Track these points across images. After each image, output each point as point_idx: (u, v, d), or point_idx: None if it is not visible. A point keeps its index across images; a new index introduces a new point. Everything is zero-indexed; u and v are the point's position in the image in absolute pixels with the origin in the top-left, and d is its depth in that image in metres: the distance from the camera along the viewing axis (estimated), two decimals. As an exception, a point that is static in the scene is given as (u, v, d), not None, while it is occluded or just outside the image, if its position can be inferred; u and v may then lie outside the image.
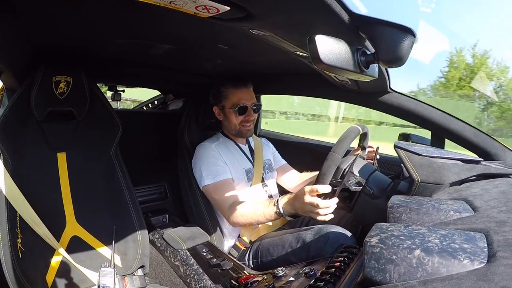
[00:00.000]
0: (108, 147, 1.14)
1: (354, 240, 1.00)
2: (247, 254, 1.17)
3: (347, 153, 1.16)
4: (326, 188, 0.84)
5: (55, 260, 0.96)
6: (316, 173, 1.22)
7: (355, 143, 1.10)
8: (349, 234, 1.01)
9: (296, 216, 1.42)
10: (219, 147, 1.24)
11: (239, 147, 1.32)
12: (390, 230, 0.48)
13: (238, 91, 1.23)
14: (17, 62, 0.96)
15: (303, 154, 1.69)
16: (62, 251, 0.95)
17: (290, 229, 1.21)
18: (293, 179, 1.42)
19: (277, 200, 0.97)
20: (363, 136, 1.13)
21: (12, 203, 0.91)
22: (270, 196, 1.31)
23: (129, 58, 1.24)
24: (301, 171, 1.43)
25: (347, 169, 0.96)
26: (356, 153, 1.15)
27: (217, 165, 1.19)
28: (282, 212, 0.96)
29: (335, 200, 0.86)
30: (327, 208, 0.85)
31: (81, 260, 0.99)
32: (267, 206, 1.00)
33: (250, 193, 1.24)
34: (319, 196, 0.86)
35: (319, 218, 0.86)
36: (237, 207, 1.07)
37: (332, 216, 0.87)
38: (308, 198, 0.86)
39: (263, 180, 1.30)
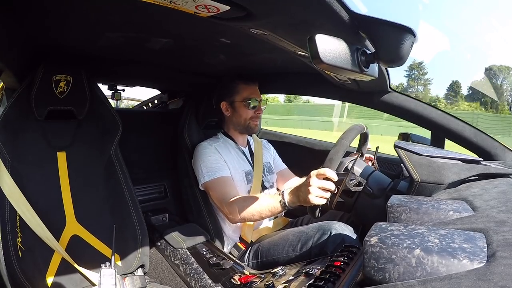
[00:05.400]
0: (108, 146, 1.14)
1: (356, 235, 1.00)
2: (247, 254, 1.17)
3: (347, 154, 1.16)
4: (333, 173, 0.82)
5: (55, 260, 0.96)
6: None
7: (354, 145, 1.09)
8: (351, 229, 1.01)
9: (296, 216, 1.42)
10: (219, 148, 1.24)
11: (239, 148, 1.32)
12: (389, 229, 0.48)
13: (248, 87, 1.26)
14: (17, 61, 0.96)
15: (303, 153, 1.69)
16: (62, 250, 0.95)
17: (290, 228, 1.21)
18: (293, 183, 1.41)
19: (283, 191, 0.94)
20: (364, 139, 1.13)
21: (12, 202, 0.91)
22: None
23: (129, 57, 1.24)
24: (301, 170, 1.43)
25: (351, 165, 0.95)
26: (354, 157, 1.14)
27: (217, 162, 1.19)
28: (286, 202, 0.91)
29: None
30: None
31: (81, 259, 0.99)
32: (272, 197, 0.97)
33: (247, 194, 1.24)
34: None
35: (322, 203, 0.83)
36: (239, 201, 1.04)
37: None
38: (314, 181, 0.82)
39: (262, 183, 1.30)
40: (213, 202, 1.22)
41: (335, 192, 0.84)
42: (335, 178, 0.82)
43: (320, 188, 0.82)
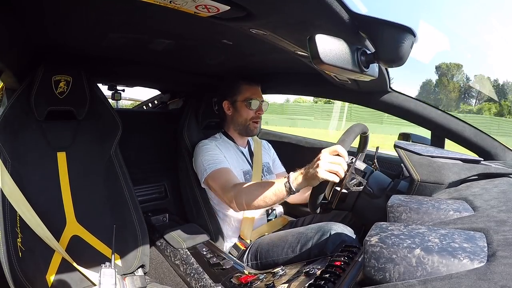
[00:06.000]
0: (108, 147, 1.14)
1: (355, 236, 0.99)
2: (246, 254, 1.17)
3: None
4: (345, 151, 0.80)
5: (55, 260, 0.96)
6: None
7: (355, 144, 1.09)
8: (350, 230, 1.00)
9: (297, 216, 1.42)
10: (219, 145, 1.26)
11: (238, 148, 1.32)
12: (390, 229, 0.48)
13: (251, 87, 1.27)
14: (17, 61, 0.96)
15: (303, 153, 1.69)
16: (62, 250, 0.95)
17: (290, 229, 1.20)
18: None
19: (289, 174, 0.91)
20: (364, 141, 1.12)
21: (12, 202, 0.91)
22: None
23: (129, 57, 1.24)
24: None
25: (354, 160, 0.94)
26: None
27: (218, 156, 1.20)
28: (291, 184, 0.87)
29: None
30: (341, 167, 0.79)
31: (81, 259, 0.99)
32: (277, 181, 0.93)
33: None
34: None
35: (333, 179, 0.78)
36: (242, 185, 1.02)
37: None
38: (326, 156, 0.79)
39: None
40: (215, 193, 1.19)
41: (345, 176, 0.81)
42: (347, 157, 0.79)
43: (331, 163, 0.78)
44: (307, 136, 1.81)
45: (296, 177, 0.88)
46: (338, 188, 0.87)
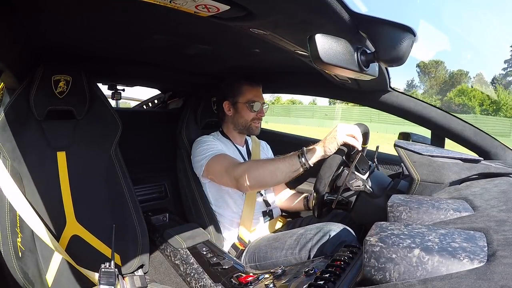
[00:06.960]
0: (108, 146, 1.14)
1: (355, 237, 0.99)
2: (242, 256, 1.16)
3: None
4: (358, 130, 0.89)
5: (55, 260, 0.96)
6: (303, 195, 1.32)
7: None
8: (350, 230, 1.00)
9: (295, 216, 1.42)
10: (217, 140, 1.26)
11: (236, 147, 1.32)
12: (390, 229, 0.48)
13: (253, 89, 1.26)
14: (17, 61, 0.96)
15: None
16: (62, 250, 0.95)
17: (288, 230, 1.20)
18: (282, 195, 1.41)
19: (302, 147, 0.92)
20: (364, 138, 1.13)
21: (12, 202, 0.91)
22: (265, 200, 1.30)
23: (129, 58, 1.24)
24: None
25: (358, 155, 0.95)
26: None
27: (218, 146, 1.20)
28: (306, 155, 0.87)
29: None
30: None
31: (81, 259, 0.99)
32: (291, 155, 0.92)
33: (244, 195, 1.24)
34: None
35: (352, 141, 0.86)
36: (251, 162, 1.00)
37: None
38: (343, 124, 0.86)
39: None
40: (217, 180, 1.17)
41: (348, 174, 0.87)
42: (360, 135, 0.87)
43: (350, 127, 0.86)
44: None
45: (311, 148, 0.88)
46: (347, 170, 0.89)
